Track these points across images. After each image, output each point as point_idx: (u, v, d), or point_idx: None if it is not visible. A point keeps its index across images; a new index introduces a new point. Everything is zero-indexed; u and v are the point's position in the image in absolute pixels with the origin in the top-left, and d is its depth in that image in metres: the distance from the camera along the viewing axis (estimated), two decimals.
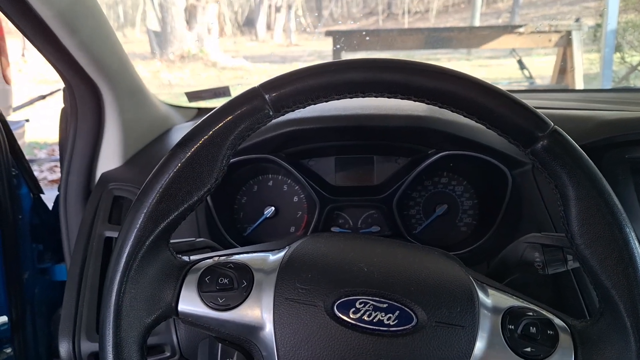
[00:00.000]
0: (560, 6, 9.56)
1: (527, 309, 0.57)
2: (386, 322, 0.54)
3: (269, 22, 12.36)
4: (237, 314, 0.58)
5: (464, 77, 0.54)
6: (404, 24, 12.48)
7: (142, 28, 10.65)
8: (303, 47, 11.15)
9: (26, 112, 4.08)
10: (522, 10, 9.70)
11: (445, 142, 1.00)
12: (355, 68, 0.55)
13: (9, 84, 3.00)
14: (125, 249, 0.54)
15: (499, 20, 10.48)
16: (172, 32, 8.99)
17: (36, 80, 7.62)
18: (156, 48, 9.15)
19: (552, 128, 0.53)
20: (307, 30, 12.71)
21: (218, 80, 8.25)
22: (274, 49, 11.58)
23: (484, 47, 3.87)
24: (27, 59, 8.15)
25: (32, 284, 1.23)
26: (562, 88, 2.96)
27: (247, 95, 0.56)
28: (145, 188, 0.56)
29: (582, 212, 0.53)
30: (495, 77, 5.99)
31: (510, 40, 3.47)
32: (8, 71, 2.92)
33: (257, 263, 0.61)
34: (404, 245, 0.67)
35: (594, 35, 3.49)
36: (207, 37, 9.47)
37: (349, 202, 1.07)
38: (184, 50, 9.06)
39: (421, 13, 12.77)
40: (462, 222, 1.09)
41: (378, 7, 13.52)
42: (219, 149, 0.56)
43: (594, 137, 0.92)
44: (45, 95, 2.30)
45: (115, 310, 0.54)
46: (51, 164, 4.76)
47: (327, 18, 13.61)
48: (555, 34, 3.09)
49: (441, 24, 11.75)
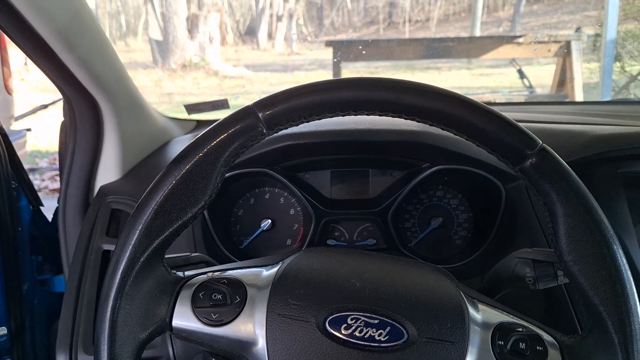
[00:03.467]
0: (561, 15, 9.59)
1: (516, 324, 0.58)
2: (377, 338, 0.55)
3: (270, 31, 12.42)
4: (230, 329, 0.58)
5: (454, 95, 0.55)
6: (405, 32, 12.53)
7: (144, 37, 10.71)
8: (304, 56, 11.19)
9: (28, 121, 4.10)
10: (523, 19, 9.74)
11: (439, 157, 1.01)
12: (347, 87, 0.56)
13: (11, 94, 3.02)
14: (120, 265, 0.55)
15: (499, 29, 10.52)
16: (174, 41, 9.03)
17: (39, 89, 7.65)
18: (158, 57, 9.19)
19: (541, 146, 0.54)
20: (308, 39, 12.78)
21: (219, 89, 8.27)
22: (275, 57, 11.63)
23: (483, 58, 3.87)
24: (29, 68, 8.19)
25: (31, 295, 1.24)
26: (561, 98, 2.97)
27: (241, 114, 0.57)
28: (140, 204, 0.57)
29: (570, 229, 0.54)
30: (495, 86, 6.01)
31: (510, 50, 3.48)
32: (10, 81, 2.94)
33: (251, 279, 0.62)
34: (396, 261, 0.68)
35: (593, 45, 3.49)
36: (208, 46, 9.52)
37: (344, 215, 1.08)
38: (186, 59, 9.10)
39: (422, 22, 12.83)
40: (457, 235, 1.09)
41: (379, 16, 13.58)
42: (213, 166, 0.57)
43: (585, 152, 0.92)
44: (47, 104, 2.32)
45: (110, 326, 0.55)
46: (53, 172, 4.78)
47: (328, 27, 13.67)
48: (555, 44, 3.10)
49: (442, 33, 11.79)
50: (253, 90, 8.09)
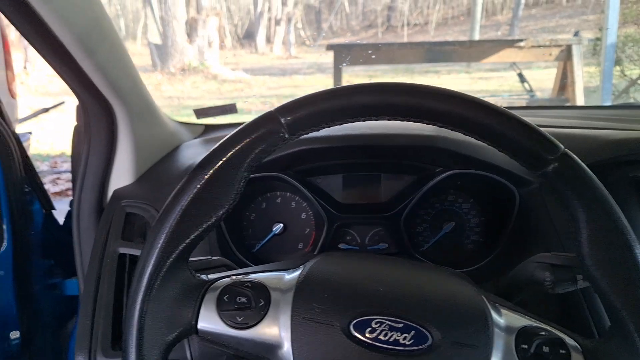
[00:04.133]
0: (559, 19, 9.62)
1: (539, 328, 0.59)
2: (402, 342, 0.56)
3: (268, 35, 12.44)
4: (255, 332, 0.59)
5: (476, 101, 0.56)
6: (403, 36, 12.56)
7: (144, 41, 10.71)
8: (302, 60, 11.22)
9: (29, 125, 4.09)
10: (521, 22, 9.78)
11: (452, 161, 1.01)
12: (369, 92, 0.57)
13: (14, 97, 3.03)
14: (148, 268, 0.56)
15: (498, 33, 10.55)
16: (173, 45, 9.05)
17: (38, 92, 7.66)
18: (157, 61, 9.20)
19: (563, 151, 0.55)
20: (306, 42, 12.80)
21: (218, 93, 8.28)
22: (274, 61, 11.64)
23: (484, 61, 3.89)
24: (29, 72, 8.20)
25: (42, 299, 1.24)
26: (562, 102, 2.99)
27: (263, 119, 0.58)
28: (166, 209, 0.57)
29: (592, 234, 0.54)
30: (495, 90, 6.02)
31: (511, 54, 3.49)
32: (14, 85, 2.94)
33: (274, 282, 0.62)
34: (416, 265, 0.68)
35: (593, 49, 3.51)
36: (207, 50, 9.53)
37: (356, 219, 1.08)
38: (185, 63, 9.12)
39: (420, 25, 12.85)
40: (469, 240, 1.10)
41: (377, 20, 13.60)
42: (236, 171, 0.57)
43: (599, 157, 0.93)
44: (48, 108, 2.32)
45: (138, 329, 0.55)
46: (53, 176, 4.77)
47: (326, 31, 13.69)
48: (556, 48, 3.11)
49: (440, 37, 11.82)
50: (252, 93, 8.10)
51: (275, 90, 8.01)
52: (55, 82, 7.89)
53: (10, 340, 1.16)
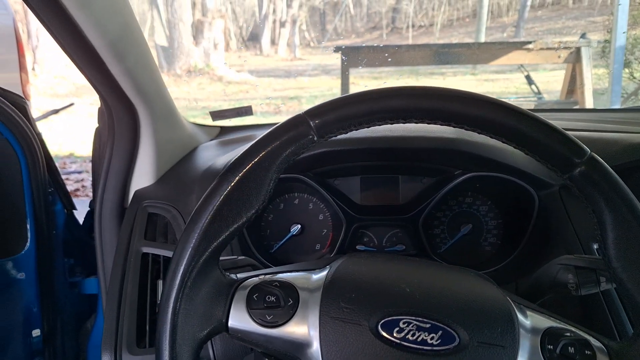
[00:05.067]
0: (565, 20, 9.59)
1: (564, 329, 0.60)
2: (429, 342, 0.57)
3: (273, 37, 12.42)
4: (284, 331, 0.60)
5: (503, 104, 0.57)
6: (408, 38, 12.52)
7: (150, 43, 10.72)
8: (307, 61, 11.19)
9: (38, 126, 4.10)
10: (527, 24, 9.74)
11: (472, 163, 1.02)
12: (397, 96, 0.58)
13: (28, 99, 3.05)
14: (180, 267, 0.57)
15: (504, 34, 10.52)
16: (179, 47, 9.06)
17: (47, 94, 7.69)
18: (163, 62, 9.21)
19: (589, 155, 0.56)
20: (311, 44, 12.77)
21: (224, 95, 8.28)
22: (279, 63, 11.61)
23: (493, 64, 3.87)
24: (37, 73, 8.23)
25: (63, 298, 1.26)
26: (571, 104, 2.98)
27: (293, 122, 0.59)
28: (198, 209, 0.59)
29: (619, 237, 0.55)
30: (501, 92, 6.00)
31: (519, 56, 3.47)
32: (28, 87, 2.96)
33: (302, 282, 0.64)
34: (441, 267, 0.69)
35: (602, 51, 3.50)
36: (213, 52, 9.53)
37: (374, 221, 1.09)
38: (191, 65, 9.12)
39: (425, 27, 12.81)
40: (486, 242, 1.11)
41: (382, 22, 13.56)
42: (266, 173, 0.59)
43: (621, 160, 0.94)
44: (58, 109, 2.34)
45: (172, 326, 0.57)
46: (63, 177, 4.78)
47: (331, 33, 13.66)
48: (565, 50, 3.10)
49: (446, 39, 11.79)
50: (257, 95, 8.10)
51: (281, 91, 8.01)
52: (63, 83, 7.93)
53: (32, 337, 1.18)
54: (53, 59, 8.14)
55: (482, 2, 9.30)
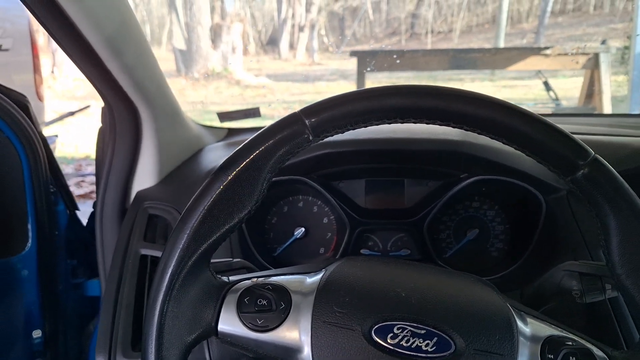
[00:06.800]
0: (586, 27, 9.51)
1: (566, 338, 0.57)
2: (424, 348, 0.54)
3: (292, 42, 12.47)
4: (275, 335, 0.58)
5: (504, 104, 0.55)
6: (427, 44, 12.50)
7: (168, 46, 10.84)
8: (325, 66, 11.21)
9: (55, 127, 4.16)
10: (547, 30, 9.67)
11: (478, 167, 1.00)
12: (394, 94, 0.56)
13: (42, 100, 3.08)
14: (169, 268, 0.56)
15: (523, 41, 10.45)
16: (198, 51, 9.14)
17: (65, 97, 7.79)
18: (181, 66, 9.30)
19: (593, 157, 0.54)
20: (329, 49, 12.80)
21: (241, 98, 8.33)
22: (297, 67, 11.66)
23: (510, 69, 3.84)
24: (56, 76, 8.35)
25: (65, 299, 1.25)
26: (590, 111, 2.94)
27: (287, 120, 0.57)
28: (188, 209, 0.57)
29: (623, 241, 0.53)
30: (520, 98, 5.96)
31: (537, 61, 3.44)
32: (42, 88, 3.00)
33: (295, 285, 0.62)
34: (439, 271, 0.67)
35: (621, 58, 3.45)
36: (231, 55, 9.60)
37: (378, 225, 1.07)
38: (209, 69, 9.19)
39: (444, 33, 12.79)
40: (493, 247, 1.08)
41: (401, 27, 13.55)
42: (259, 172, 0.57)
43: (629, 165, 0.91)
44: (74, 111, 2.36)
45: (158, 329, 0.55)
46: (78, 179, 4.83)
47: (350, 38, 13.68)
48: (583, 56, 3.07)
49: (465, 44, 11.75)
50: (274, 99, 8.13)
51: (298, 96, 8.04)
52: (81, 86, 8.03)
53: (33, 339, 1.18)
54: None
55: (501, 8, 9.24)
